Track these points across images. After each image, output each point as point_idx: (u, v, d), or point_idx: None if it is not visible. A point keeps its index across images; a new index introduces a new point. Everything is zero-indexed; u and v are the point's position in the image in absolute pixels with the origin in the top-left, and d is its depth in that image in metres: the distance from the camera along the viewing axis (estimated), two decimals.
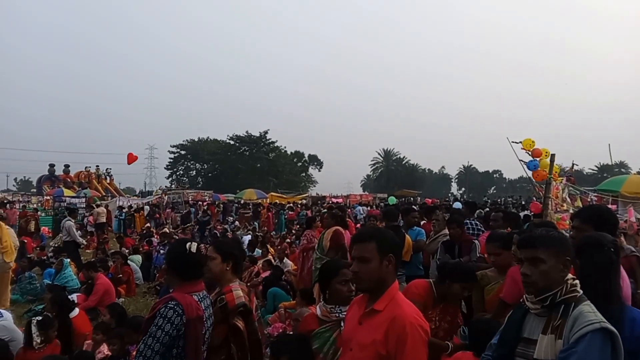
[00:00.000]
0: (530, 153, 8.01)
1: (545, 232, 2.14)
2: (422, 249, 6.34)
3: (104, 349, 4.82)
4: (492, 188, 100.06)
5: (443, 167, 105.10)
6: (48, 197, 26.20)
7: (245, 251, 5.35)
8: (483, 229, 6.27)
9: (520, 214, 11.78)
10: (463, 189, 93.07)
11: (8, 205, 21.79)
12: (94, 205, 21.17)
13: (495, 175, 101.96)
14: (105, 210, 21.23)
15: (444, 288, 3.44)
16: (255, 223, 22.17)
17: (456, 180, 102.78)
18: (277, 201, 31.33)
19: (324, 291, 2.95)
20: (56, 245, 13.49)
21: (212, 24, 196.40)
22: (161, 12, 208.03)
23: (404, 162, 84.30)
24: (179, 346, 2.53)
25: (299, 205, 29.10)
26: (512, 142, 8.56)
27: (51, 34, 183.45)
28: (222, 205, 27.16)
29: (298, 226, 18.70)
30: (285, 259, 9.98)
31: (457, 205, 16.58)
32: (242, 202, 31.16)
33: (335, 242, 6.53)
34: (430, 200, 28.68)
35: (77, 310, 5.98)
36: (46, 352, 4.60)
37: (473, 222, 6.42)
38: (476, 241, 5.27)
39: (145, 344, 2.45)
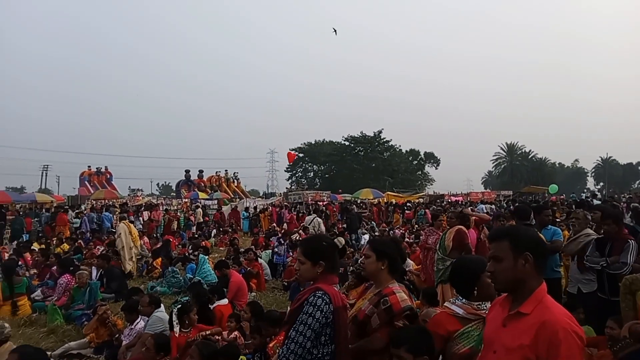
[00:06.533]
0: None
1: None
2: (558, 250, 5.84)
3: (234, 334, 5.41)
4: (637, 182, 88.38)
5: (577, 160, 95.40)
6: (186, 200, 29.04)
7: (405, 252, 5.33)
8: None
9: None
10: (602, 183, 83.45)
11: (153, 207, 24.63)
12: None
13: None
14: (201, 211, 23.79)
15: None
16: (372, 222, 22.26)
17: (593, 175, 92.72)
18: (394, 200, 31.12)
19: (471, 288, 2.88)
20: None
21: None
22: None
23: (530, 157, 76.61)
24: (326, 334, 2.66)
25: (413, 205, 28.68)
26: None
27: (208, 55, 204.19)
28: (340, 205, 27.72)
29: (417, 226, 18.41)
30: (407, 259, 9.89)
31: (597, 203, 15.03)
32: (359, 201, 31.52)
33: (459, 242, 6.32)
34: (554, 198, 26.12)
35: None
36: (192, 335, 5.13)
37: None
38: (632, 241, 4.68)
39: (296, 330, 2.59)
